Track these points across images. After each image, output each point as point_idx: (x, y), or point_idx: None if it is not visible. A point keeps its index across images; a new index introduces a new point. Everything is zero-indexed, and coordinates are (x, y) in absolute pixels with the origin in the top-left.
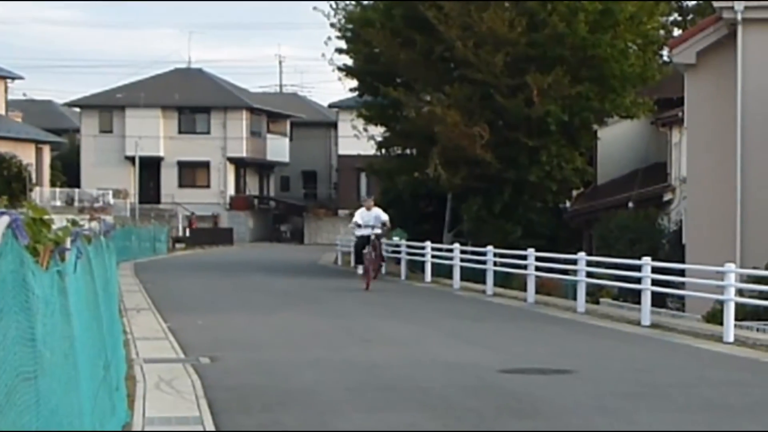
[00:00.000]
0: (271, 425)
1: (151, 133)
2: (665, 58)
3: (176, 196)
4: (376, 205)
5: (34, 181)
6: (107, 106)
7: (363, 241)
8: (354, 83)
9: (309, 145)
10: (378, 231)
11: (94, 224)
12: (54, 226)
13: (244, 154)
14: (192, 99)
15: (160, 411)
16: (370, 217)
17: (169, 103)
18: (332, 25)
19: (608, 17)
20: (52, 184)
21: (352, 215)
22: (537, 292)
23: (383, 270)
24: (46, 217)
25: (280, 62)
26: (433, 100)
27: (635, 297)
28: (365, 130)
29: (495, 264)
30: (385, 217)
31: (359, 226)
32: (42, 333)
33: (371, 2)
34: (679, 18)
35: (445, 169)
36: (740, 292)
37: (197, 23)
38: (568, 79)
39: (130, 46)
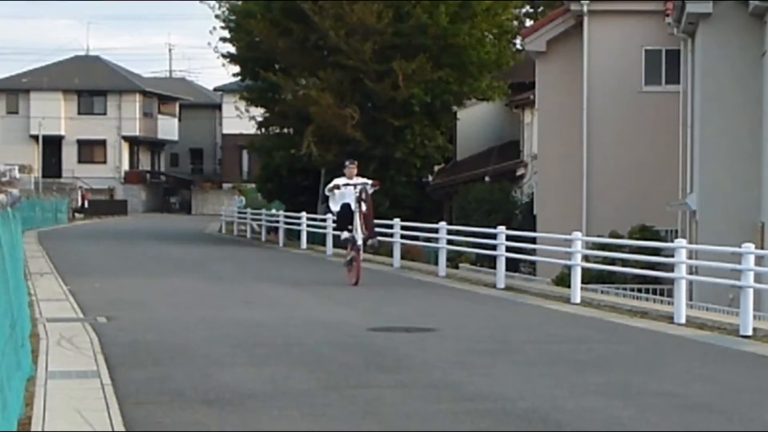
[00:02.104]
0: (162, 377)
1: (54, 114)
2: (518, 46)
3: (76, 171)
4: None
5: None
6: (13, 90)
7: (346, 216)
8: (237, 69)
9: (196, 125)
10: (368, 184)
11: (2, 197)
12: None
13: (138, 133)
14: (90, 83)
15: (62, 365)
16: (350, 191)
17: (70, 87)
18: (217, 16)
19: (466, 9)
20: None
21: (234, 188)
22: (402, 258)
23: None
24: None
25: (170, 50)
26: (308, 84)
27: (491, 262)
28: (247, 111)
29: None
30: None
31: (337, 188)
32: None
33: None
34: (531, 10)
35: (319, 146)
36: (586, 258)
37: (95, 14)
38: (430, 65)
39: (34, 35)
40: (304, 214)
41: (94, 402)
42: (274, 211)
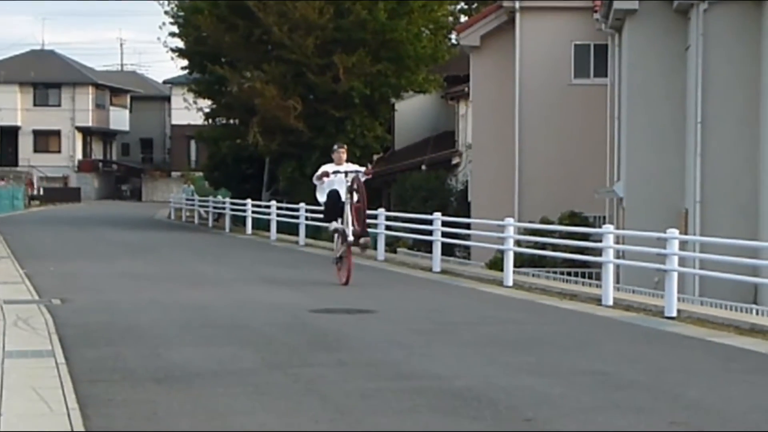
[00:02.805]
0: (114, 357)
1: (10, 105)
2: (453, 41)
3: (32, 160)
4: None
5: None
6: None
7: (335, 204)
8: (185, 62)
9: (146, 116)
10: (360, 172)
11: None
12: None
13: (90, 124)
14: (45, 76)
15: (18, 345)
16: (340, 180)
17: (26, 80)
18: (166, 12)
19: (404, 6)
20: None
21: (183, 176)
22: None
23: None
24: None
25: (121, 45)
26: (253, 77)
27: (427, 247)
28: (195, 102)
29: (307, 219)
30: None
31: (326, 175)
32: None
33: None
34: (466, 6)
35: (264, 136)
36: (518, 243)
37: (50, 10)
38: (369, 59)
39: None
40: (249, 201)
41: (49, 380)
42: (220, 198)
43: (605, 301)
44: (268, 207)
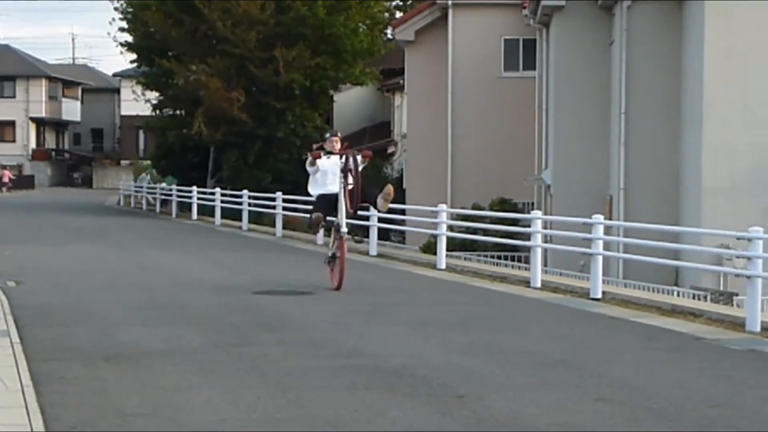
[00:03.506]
0: (66, 337)
1: None
2: (389, 36)
3: None
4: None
5: None
6: None
7: (327, 204)
8: (134, 56)
9: (97, 107)
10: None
11: None
12: None
13: (44, 115)
14: (0, 69)
15: None
16: (333, 167)
17: None
18: (116, 8)
19: (342, 2)
20: None
21: (132, 164)
22: (284, 227)
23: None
24: None
25: (73, 39)
26: (199, 70)
27: (365, 232)
28: (143, 94)
29: (249, 205)
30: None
31: (319, 157)
32: None
33: None
34: (401, 2)
35: (208, 126)
36: (450, 228)
37: (5, 6)
38: (309, 53)
39: None
40: (194, 188)
41: (4, 359)
42: (167, 185)
43: (534, 283)
44: (213, 194)
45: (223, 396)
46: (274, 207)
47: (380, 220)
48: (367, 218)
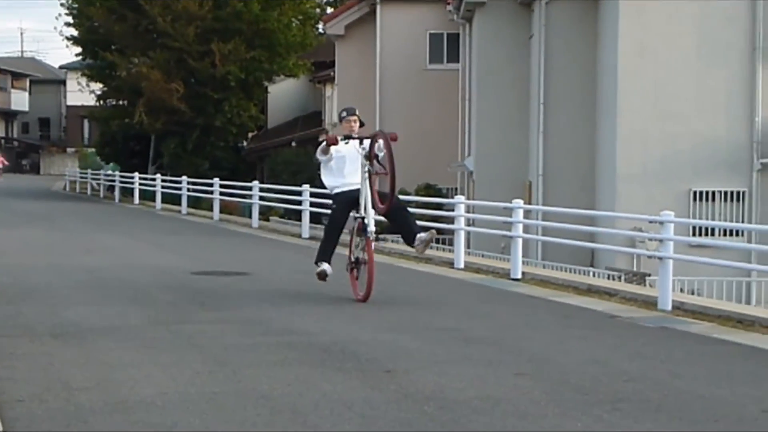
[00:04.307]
0: (14, 315)
1: None
2: (320, 30)
3: None
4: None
5: None
6: None
7: (348, 204)
8: (79, 49)
9: (44, 98)
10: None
11: None
12: None
13: None
14: None
15: None
16: (352, 152)
17: None
18: (62, 4)
19: None
20: None
21: (78, 152)
22: (221, 212)
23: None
24: None
25: (21, 33)
26: (140, 63)
27: (297, 215)
28: (88, 85)
29: (188, 190)
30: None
31: (335, 142)
32: None
33: None
34: None
35: (149, 116)
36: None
37: None
38: (244, 46)
39: None
40: (136, 174)
41: None
42: (110, 172)
43: (457, 264)
44: (154, 180)
45: (163, 371)
46: (211, 192)
47: (312, 204)
48: (299, 203)
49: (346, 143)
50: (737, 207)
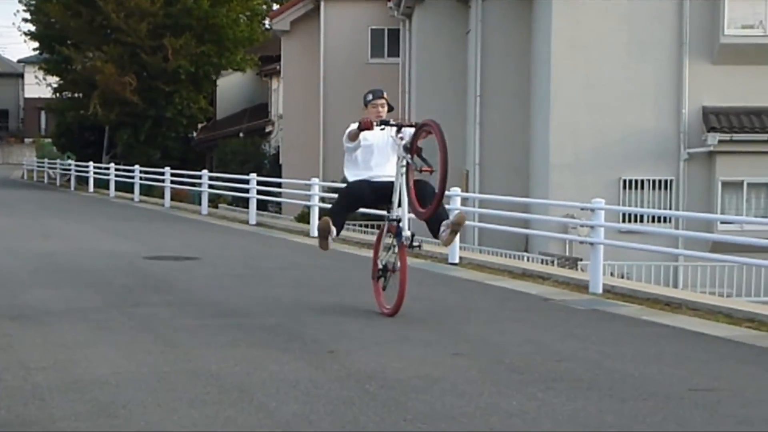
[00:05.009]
0: None
1: None
2: (267, 26)
3: None
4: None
5: None
6: None
7: (374, 193)
8: (36, 44)
9: (2, 91)
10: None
11: None
12: None
13: None
14: None
15: None
16: (381, 141)
17: None
18: (20, 1)
19: None
20: None
21: (35, 142)
22: (172, 199)
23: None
24: None
25: None
26: (95, 57)
27: (245, 203)
28: (45, 79)
29: (141, 179)
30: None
31: (369, 127)
32: None
33: None
34: None
35: (103, 108)
36: (322, 199)
37: None
38: (194, 41)
39: None
40: (91, 163)
41: None
42: (66, 161)
43: None
44: (108, 169)
45: (117, 351)
46: (163, 181)
47: (259, 192)
48: (246, 191)
49: (382, 129)
50: (665, 195)
